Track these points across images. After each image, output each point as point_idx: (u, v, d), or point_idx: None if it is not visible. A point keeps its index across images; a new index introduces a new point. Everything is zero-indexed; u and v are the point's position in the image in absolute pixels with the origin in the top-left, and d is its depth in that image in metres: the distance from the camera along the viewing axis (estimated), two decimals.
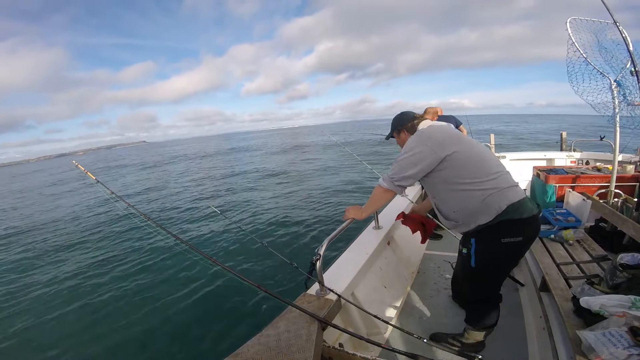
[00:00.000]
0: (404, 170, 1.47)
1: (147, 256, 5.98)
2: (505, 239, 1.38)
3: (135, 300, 4.42)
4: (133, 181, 19.12)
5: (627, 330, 1.02)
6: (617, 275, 1.39)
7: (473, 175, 1.40)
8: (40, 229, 9.62)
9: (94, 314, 4.24)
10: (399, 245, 2.65)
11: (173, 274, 5.05)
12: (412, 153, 1.46)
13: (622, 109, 2.52)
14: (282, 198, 9.67)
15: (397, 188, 1.52)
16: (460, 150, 1.42)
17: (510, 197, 1.38)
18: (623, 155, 4.43)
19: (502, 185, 1.40)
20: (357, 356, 1.25)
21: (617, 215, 2.11)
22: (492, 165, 1.45)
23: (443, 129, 1.55)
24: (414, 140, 1.50)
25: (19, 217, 12.44)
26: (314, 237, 6.04)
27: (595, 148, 5.73)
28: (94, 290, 4.91)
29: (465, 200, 1.43)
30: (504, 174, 1.46)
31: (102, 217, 9.93)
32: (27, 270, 6.25)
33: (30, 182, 30.02)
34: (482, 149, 1.51)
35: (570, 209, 2.65)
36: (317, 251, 1.55)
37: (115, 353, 3.43)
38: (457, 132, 1.56)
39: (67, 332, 3.92)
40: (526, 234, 1.41)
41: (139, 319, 3.93)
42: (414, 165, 1.45)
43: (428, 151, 1.42)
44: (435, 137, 1.47)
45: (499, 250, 1.42)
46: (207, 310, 3.91)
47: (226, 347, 3.10)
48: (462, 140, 1.48)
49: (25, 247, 7.91)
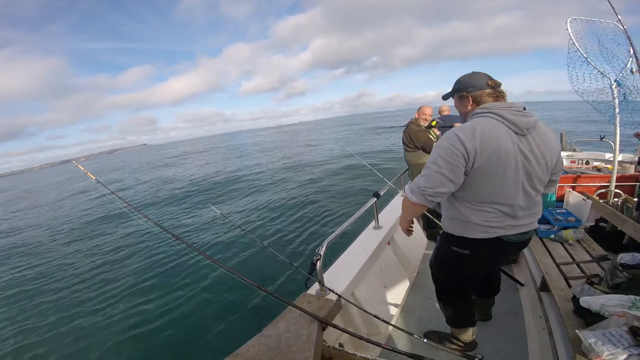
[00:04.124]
0: (436, 185, 1.17)
1: (146, 256, 5.98)
2: (454, 247, 1.37)
3: (135, 299, 4.42)
4: (133, 183, 19.11)
5: (627, 330, 1.02)
6: (617, 275, 1.39)
7: (493, 194, 1.19)
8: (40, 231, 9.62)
9: (93, 313, 4.24)
10: (399, 245, 2.65)
11: (173, 273, 5.05)
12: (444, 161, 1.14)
13: (622, 109, 2.52)
14: (282, 198, 9.66)
15: (429, 201, 1.22)
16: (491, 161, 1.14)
17: (501, 232, 1.24)
18: (623, 155, 4.43)
19: (517, 223, 1.24)
20: (357, 356, 1.25)
21: (617, 215, 2.11)
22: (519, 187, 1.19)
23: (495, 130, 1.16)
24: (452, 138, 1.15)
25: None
26: (314, 237, 6.04)
27: (595, 148, 5.73)
28: (93, 290, 4.91)
29: (459, 212, 1.29)
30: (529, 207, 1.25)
31: (101, 218, 9.93)
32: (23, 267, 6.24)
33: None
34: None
35: (570, 209, 2.65)
36: (317, 251, 1.55)
37: (115, 353, 3.43)
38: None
39: (66, 331, 3.92)
40: (477, 251, 1.31)
41: (139, 319, 3.93)
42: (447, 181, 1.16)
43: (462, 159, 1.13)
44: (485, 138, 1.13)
45: (448, 256, 1.43)
46: (207, 310, 3.91)
47: (226, 347, 3.09)
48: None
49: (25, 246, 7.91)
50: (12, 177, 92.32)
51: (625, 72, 2.47)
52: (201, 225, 7.64)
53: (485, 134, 1.11)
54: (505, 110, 1.16)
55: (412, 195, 1.24)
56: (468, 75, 1.31)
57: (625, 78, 2.48)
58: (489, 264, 1.51)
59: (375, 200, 2.50)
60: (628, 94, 2.49)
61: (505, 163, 1.12)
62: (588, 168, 4.10)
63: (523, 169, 1.16)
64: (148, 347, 3.43)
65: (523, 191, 1.20)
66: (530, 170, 1.18)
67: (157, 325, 3.75)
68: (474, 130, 1.12)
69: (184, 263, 5.25)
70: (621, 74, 2.49)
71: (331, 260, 2.07)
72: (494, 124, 1.14)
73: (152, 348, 3.42)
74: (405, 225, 1.53)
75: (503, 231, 1.24)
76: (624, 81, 2.48)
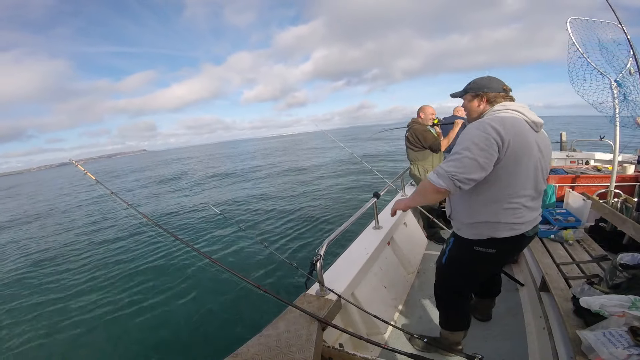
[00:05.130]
0: (468, 170, 1.16)
1: (146, 256, 5.98)
2: (478, 247, 1.36)
3: (134, 299, 4.42)
4: (133, 185, 19.11)
5: (627, 330, 1.02)
6: (617, 275, 1.39)
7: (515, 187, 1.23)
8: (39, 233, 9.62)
9: (91, 313, 4.24)
10: (399, 245, 2.65)
11: (173, 273, 5.05)
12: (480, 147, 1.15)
13: (622, 109, 2.52)
14: (282, 198, 9.67)
15: (456, 188, 1.19)
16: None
17: (523, 229, 1.30)
18: (623, 155, 4.43)
19: (527, 213, 1.29)
20: (357, 356, 1.25)
21: (617, 215, 2.11)
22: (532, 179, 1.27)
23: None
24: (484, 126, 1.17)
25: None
26: (314, 237, 6.04)
27: (595, 148, 5.73)
28: (92, 290, 4.91)
29: (487, 214, 1.28)
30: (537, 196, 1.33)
31: (101, 218, 9.93)
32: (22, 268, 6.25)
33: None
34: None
35: (570, 209, 2.65)
36: (317, 251, 1.55)
37: (115, 353, 3.43)
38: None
39: (65, 332, 3.92)
40: (502, 249, 1.35)
41: (138, 319, 3.93)
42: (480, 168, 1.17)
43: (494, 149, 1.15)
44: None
45: (469, 255, 1.41)
46: (207, 310, 3.91)
47: (226, 347, 3.09)
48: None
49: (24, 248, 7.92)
50: (14, 177, 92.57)
51: (625, 72, 2.47)
52: (201, 226, 7.65)
53: (515, 125, 1.19)
54: (522, 108, 1.26)
55: (440, 179, 1.20)
56: (486, 78, 1.36)
57: (625, 78, 2.48)
58: (507, 261, 1.52)
59: (375, 201, 2.50)
60: (628, 94, 2.49)
61: (529, 155, 1.21)
62: (588, 168, 4.10)
63: (539, 162, 1.26)
64: (148, 347, 3.43)
65: (536, 182, 1.28)
66: (543, 164, 1.28)
67: (157, 326, 3.75)
68: (503, 121, 1.18)
69: (183, 263, 5.25)
70: (621, 74, 2.49)
71: (331, 260, 2.07)
72: (517, 118, 1.22)
73: (151, 348, 3.41)
74: (405, 208, 1.48)
75: (525, 227, 1.30)
76: (624, 81, 2.48)
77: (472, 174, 1.16)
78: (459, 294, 1.60)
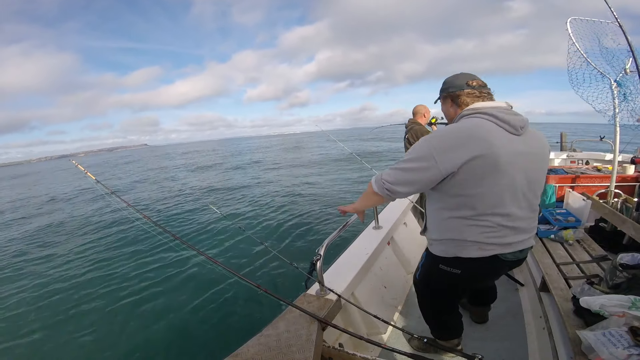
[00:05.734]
0: (398, 182, 1.13)
1: (145, 256, 5.97)
2: (442, 266, 1.28)
3: (134, 300, 4.42)
4: (131, 182, 19.12)
5: (627, 330, 1.02)
6: (617, 275, 1.39)
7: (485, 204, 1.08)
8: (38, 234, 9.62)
9: (90, 313, 4.23)
10: (399, 245, 2.65)
11: (172, 273, 5.04)
12: (411, 165, 1.10)
13: (622, 109, 2.52)
14: (282, 198, 9.66)
15: (386, 195, 1.17)
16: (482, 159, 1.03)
17: (497, 250, 1.14)
18: (623, 155, 4.43)
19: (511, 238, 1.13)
20: (357, 356, 1.25)
21: (617, 215, 2.11)
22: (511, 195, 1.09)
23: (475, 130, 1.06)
24: (422, 144, 1.10)
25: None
26: (314, 237, 6.04)
27: (595, 148, 5.73)
28: (91, 290, 4.90)
29: (453, 230, 1.17)
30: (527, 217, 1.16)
31: (101, 218, 9.93)
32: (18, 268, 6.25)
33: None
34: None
35: (570, 209, 2.65)
36: (317, 251, 1.55)
37: (115, 353, 3.43)
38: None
39: (65, 332, 3.92)
40: (469, 270, 1.23)
41: (138, 319, 3.93)
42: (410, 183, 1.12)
43: (433, 166, 1.05)
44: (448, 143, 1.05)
45: (436, 273, 1.33)
46: (207, 311, 3.91)
47: (226, 347, 3.09)
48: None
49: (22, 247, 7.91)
50: (14, 167, 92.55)
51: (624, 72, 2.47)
52: (201, 226, 7.64)
53: (475, 137, 1.02)
54: (495, 110, 1.08)
55: (376, 183, 1.18)
56: (453, 76, 1.23)
57: (625, 78, 2.48)
58: (482, 282, 1.47)
59: None
60: (628, 94, 2.49)
61: (497, 170, 1.02)
62: (588, 168, 4.11)
63: (522, 172, 1.07)
64: (147, 347, 3.43)
65: (523, 197, 1.11)
66: (529, 173, 1.10)
67: (156, 326, 3.75)
68: (457, 134, 1.05)
69: (183, 263, 5.24)
70: (621, 74, 2.49)
71: (331, 260, 2.06)
72: (484, 125, 1.05)
73: (151, 348, 3.41)
74: (353, 210, 1.40)
75: (500, 249, 1.14)
76: (624, 81, 2.48)
77: (399, 186, 1.12)
78: (438, 311, 1.58)
